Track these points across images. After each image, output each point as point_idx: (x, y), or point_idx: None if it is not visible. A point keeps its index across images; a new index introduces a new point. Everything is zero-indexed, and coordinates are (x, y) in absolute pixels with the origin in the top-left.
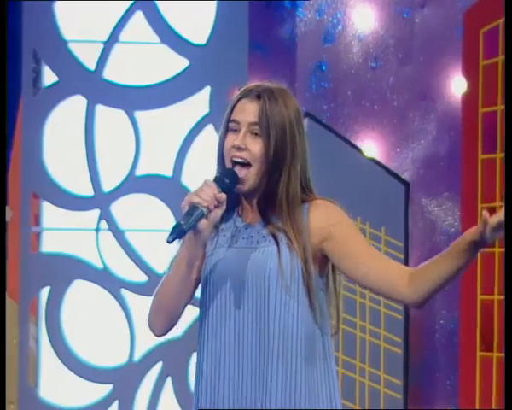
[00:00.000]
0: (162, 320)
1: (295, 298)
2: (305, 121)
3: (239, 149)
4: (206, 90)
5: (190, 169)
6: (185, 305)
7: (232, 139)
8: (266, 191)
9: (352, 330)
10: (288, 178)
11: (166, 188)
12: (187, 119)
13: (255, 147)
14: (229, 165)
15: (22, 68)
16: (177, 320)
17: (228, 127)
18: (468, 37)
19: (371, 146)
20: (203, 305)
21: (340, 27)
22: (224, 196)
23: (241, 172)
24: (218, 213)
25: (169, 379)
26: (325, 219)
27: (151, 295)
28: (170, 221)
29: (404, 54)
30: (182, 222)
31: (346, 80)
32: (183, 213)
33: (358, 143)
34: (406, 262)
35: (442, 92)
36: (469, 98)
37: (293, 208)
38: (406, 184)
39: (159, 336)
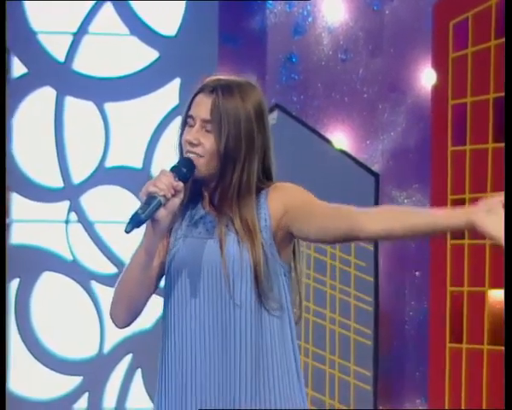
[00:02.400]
0: (123, 311)
1: (241, 288)
2: (275, 113)
3: (191, 144)
4: (176, 82)
5: (160, 161)
6: (148, 296)
7: (187, 134)
8: (219, 184)
9: (322, 322)
10: (241, 172)
11: (136, 180)
12: (157, 110)
13: (207, 142)
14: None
15: None
16: (139, 312)
17: (186, 122)
18: (437, 29)
19: (341, 138)
20: (164, 295)
21: (310, 19)
22: (180, 184)
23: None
24: (176, 201)
25: (139, 371)
26: (281, 196)
27: None
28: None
29: (374, 46)
30: (139, 211)
31: (317, 72)
32: (140, 202)
33: (328, 135)
34: (376, 254)
35: (412, 84)
36: (439, 90)
37: (244, 202)
38: (376, 175)
39: (121, 327)
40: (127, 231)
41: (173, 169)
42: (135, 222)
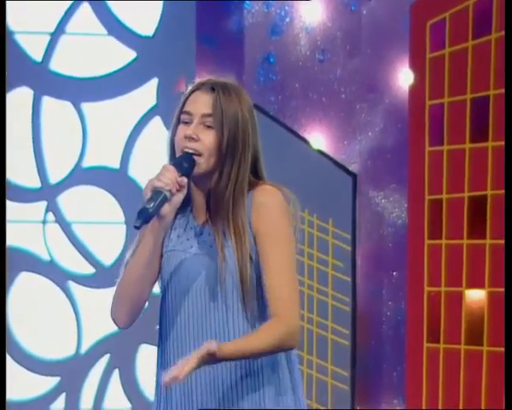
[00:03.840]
0: (126, 310)
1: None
2: None
3: (191, 139)
4: (154, 82)
5: (137, 161)
6: (149, 292)
7: (184, 130)
8: (216, 183)
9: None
10: (238, 170)
11: (113, 180)
12: (134, 110)
13: (207, 138)
14: (179, 153)
15: None
16: (141, 309)
17: (180, 119)
18: (414, 29)
19: (319, 138)
20: (163, 310)
21: (287, 19)
22: (185, 179)
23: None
24: (180, 197)
25: (116, 371)
26: (257, 209)
27: (98, 288)
28: (117, 213)
29: (352, 46)
30: (147, 207)
31: (294, 72)
32: (145, 199)
33: (306, 136)
34: (354, 254)
35: (389, 84)
36: (416, 90)
37: (237, 202)
38: (354, 176)
39: (123, 327)
40: (137, 227)
41: (175, 164)
42: (144, 217)
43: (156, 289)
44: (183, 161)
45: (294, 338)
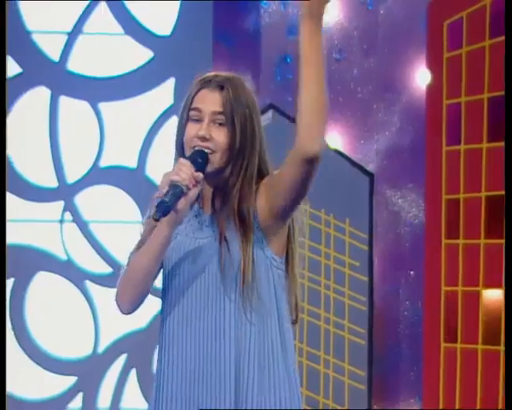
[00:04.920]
0: (131, 297)
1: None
2: (270, 113)
3: (204, 139)
4: (171, 82)
5: (154, 161)
6: (152, 282)
7: (195, 129)
8: (227, 179)
9: (317, 322)
10: (248, 164)
11: (130, 179)
12: (151, 110)
13: (220, 137)
14: (190, 153)
15: None
16: (144, 297)
17: (188, 116)
18: (432, 28)
19: (335, 138)
20: (164, 294)
21: None
22: (201, 175)
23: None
24: (195, 192)
25: (133, 371)
26: (263, 187)
27: (115, 287)
28: (134, 213)
29: (369, 45)
30: (166, 199)
31: None
32: (162, 192)
33: None
34: (371, 254)
35: (406, 84)
36: (433, 90)
37: (245, 198)
38: (370, 175)
39: (127, 313)
40: (157, 219)
41: (191, 159)
42: (162, 210)
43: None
44: (197, 157)
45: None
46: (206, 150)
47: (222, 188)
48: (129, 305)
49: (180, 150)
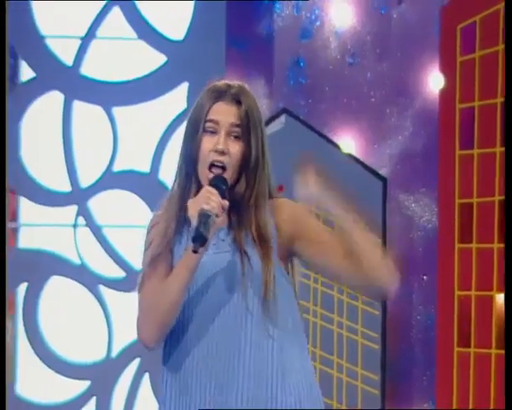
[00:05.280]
0: (159, 332)
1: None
2: (283, 117)
3: (222, 153)
4: (184, 86)
5: (168, 165)
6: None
7: (211, 142)
8: (243, 192)
9: (330, 326)
10: (261, 176)
11: (144, 184)
12: (164, 115)
13: (236, 151)
14: (205, 166)
15: None
16: (170, 327)
17: (204, 127)
18: (445, 33)
19: (348, 142)
20: (183, 313)
21: (317, 23)
22: (227, 203)
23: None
24: (221, 220)
25: (147, 375)
26: (291, 219)
27: (129, 291)
28: (147, 217)
29: (382, 50)
30: (202, 230)
31: (324, 76)
32: (193, 222)
33: (336, 139)
34: None
35: (419, 88)
36: (446, 94)
37: (260, 212)
38: (383, 179)
39: (153, 348)
40: (196, 251)
41: (215, 187)
42: (201, 241)
43: None
44: (220, 184)
45: (387, 278)
46: (219, 164)
47: (238, 201)
48: (157, 339)
49: (189, 162)
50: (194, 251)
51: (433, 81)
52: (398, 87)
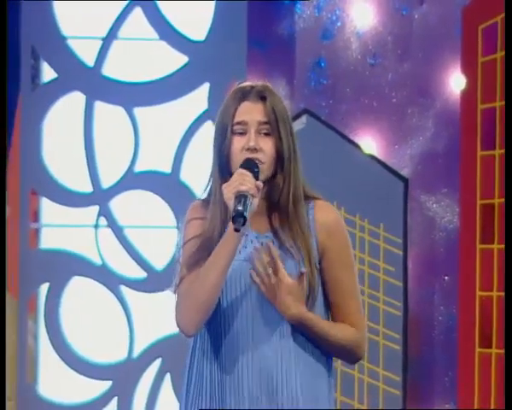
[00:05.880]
0: (200, 318)
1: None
2: (304, 118)
3: (254, 150)
4: (205, 87)
5: (189, 165)
6: (218, 295)
7: (241, 142)
8: (280, 191)
9: None
10: (295, 174)
11: (165, 184)
12: (186, 115)
13: (268, 147)
14: (238, 166)
15: (21, 65)
16: (211, 312)
17: (233, 130)
18: (466, 33)
19: (370, 143)
20: (216, 314)
21: (338, 24)
22: (261, 183)
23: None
24: (257, 201)
25: (168, 376)
26: (326, 230)
27: (150, 292)
28: (168, 218)
29: (403, 50)
30: (240, 209)
31: (345, 77)
32: (230, 204)
33: (357, 140)
34: (405, 259)
35: (441, 89)
36: (468, 95)
37: (299, 211)
38: (405, 180)
39: (193, 335)
40: (238, 230)
41: (248, 169)
42: (241, 219)
43: None
44: (253, 166)
45: (363, 350)
46: (256, 161)
47: (278, 203)
48: (197, 325)
49: (224, 166)
50: (236, 229)
51: (455, 82)
52: (420, 88)
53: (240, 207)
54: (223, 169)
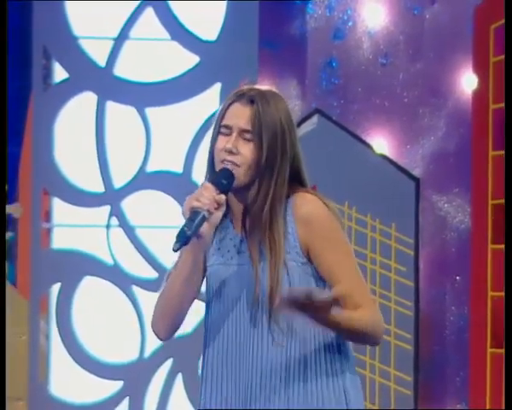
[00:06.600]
0: (167, 324)
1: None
2: (316, 118)
3: (230, 152)
4: (217, 87)
5: (200, 165)
6: (188, 308)
7: (223, 142)
8: (256, 195)
9: None
10: (276, 181)
11: (177, 184)
12: (197, 115)
13: (246, 152)
14: (219, 167)
15: (32, 65)
16: (181, 323)
17: (219, 131)
18: (478, 33)
19: (381, 142)
20: (207, 321)
21: (350, 24)
22: (223, 197)
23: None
24: (219, 215)
25: (179, 376)
26: (304, 222)
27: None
28: (180, 218)
29: (415, 50)
30: (185, 229)
31: (357, 77)
32: (184, 218)
33: (368, 140)
34: (416, 259)
35: (452, 89)
36: (479, 95)
37: (275, 215)
38: (416, 180)
39: (164, 339)
40: (175, 250)
41: (213, 181)
42: (182, 240)
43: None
44: (221, 178)
45: (382, 329)
46: (228, 165)
47: (252, 207)
48: (166, 331)
49: (211, 165)
50: (174, 249)
51: (466, 82)
52: (431, 88)
53: (185, 228)
54: (210, 167)
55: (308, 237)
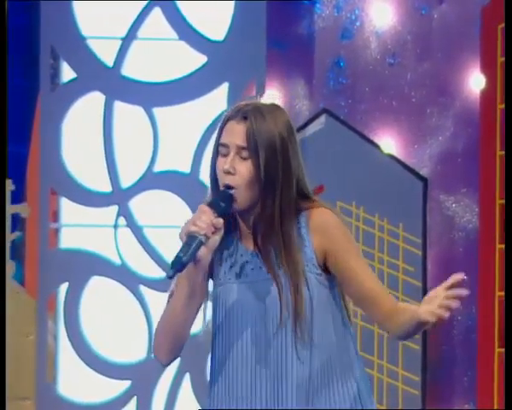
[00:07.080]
0: (169, 349)
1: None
2: (323, 118)
3: (228, 173)
4: (224, 87)
5: (208, 166)
6: (189, 331)
7: (222, 163)
8: (261, 212)
9: (370, 327)
10: (281, 198)
11: (184, 184)
12: (205, 115)
13: (243, 170)
14: (221, 188)
15: (40, 65)
16: (182, 347)
17: (218, 150)
18: (486, 33)
19: (389, 142)
20: (216, 339)
21: (357, 23)
22: (220, 221)
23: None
24: (217, 238)
25: (187, 375)
26: (320, 230)
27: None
28: (188, 217)
29: (422, 50)
30: (181, 255)
31: (364, 76)
32: (181, 243)
33: (376, 140)
34: (424, 259)
35: (460, 88)
36: (487, 94)
37: (287, 232)
38: (424, 180)
39: (166, 364)
40: (170, 277)
41: (211, 204)
42: (178, 266)
43: None
44: (219, 201)
45: None
46: (230, 191)
47: (259, 226)
48: (168, 356)
49: (214, 186)
50: (168, 276)
51: (474, 81)
52: (439, 87)
53: (180, 253)
54: (212, 186)
55: (325, 243)
